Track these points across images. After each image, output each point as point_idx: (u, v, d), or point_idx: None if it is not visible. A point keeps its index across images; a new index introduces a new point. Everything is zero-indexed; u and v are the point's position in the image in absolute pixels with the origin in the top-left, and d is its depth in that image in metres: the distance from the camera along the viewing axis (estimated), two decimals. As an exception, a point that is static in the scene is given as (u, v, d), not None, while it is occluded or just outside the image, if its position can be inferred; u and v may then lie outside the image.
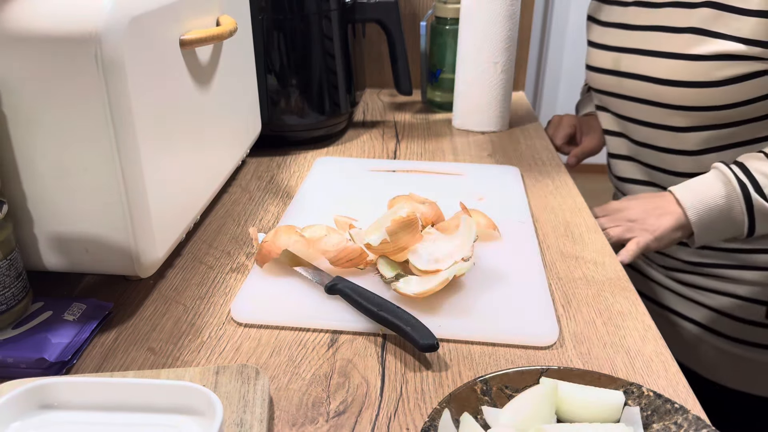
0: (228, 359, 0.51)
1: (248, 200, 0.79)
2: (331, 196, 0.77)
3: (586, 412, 0.43)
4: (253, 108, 0.85)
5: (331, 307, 0.56)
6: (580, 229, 0.72)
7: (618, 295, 0.60)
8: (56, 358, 0.48)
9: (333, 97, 0.95)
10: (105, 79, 0.47)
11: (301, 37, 0.89)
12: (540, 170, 0.88)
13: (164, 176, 0.56)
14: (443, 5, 1.06)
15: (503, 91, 1.00)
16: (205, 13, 0.65)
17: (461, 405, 0.42)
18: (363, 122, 1.09)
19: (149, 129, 0.53)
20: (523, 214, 0.73)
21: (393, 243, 0.57)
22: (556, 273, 0.63)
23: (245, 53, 0.80)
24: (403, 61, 1.02)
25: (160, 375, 0.45)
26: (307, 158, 0.92)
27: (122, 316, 0.56)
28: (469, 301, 0.56)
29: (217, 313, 0.57)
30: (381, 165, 0.88)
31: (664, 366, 0.51)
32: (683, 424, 0.41)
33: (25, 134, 0.49)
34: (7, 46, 0.46)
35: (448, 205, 0.71)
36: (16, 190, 0.51)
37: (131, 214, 0.52)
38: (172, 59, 0.57)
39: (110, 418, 0.38)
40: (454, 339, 0.53)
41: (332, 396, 0.47)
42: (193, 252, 0.66)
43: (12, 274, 0.49)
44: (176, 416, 0.38)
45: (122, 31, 0.48)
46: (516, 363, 0.51)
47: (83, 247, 0.53)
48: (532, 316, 0.54)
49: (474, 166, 0.87)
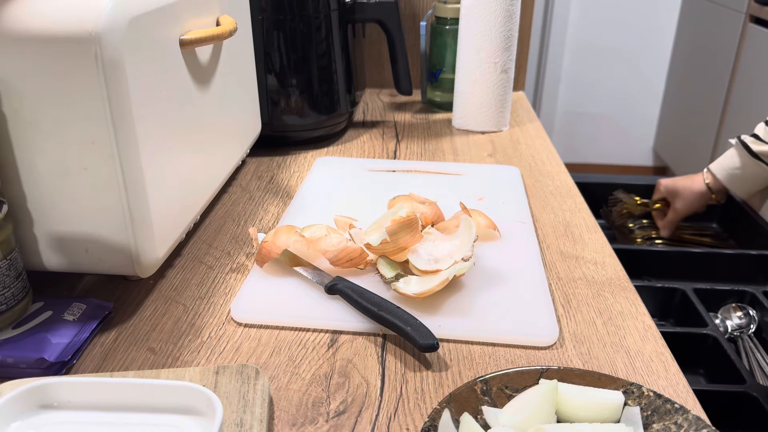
0: (228, 359, 0.51)
1: (248, 200, 0.79)
2: (331, 196, 0.77)
3: (586, 413, 0.43)
4: (253, 108, 0.85)
5: (331, 307, 0.56)
6: (580, 229, 0.72)
7: (618, 295, 0.60)
8: (56, 358, 0.48)
9: (333, 97, 0.95)
10: (105, 79, 0.47)
11: (301, 37, 0.89)
12: (540, 170, 0.88)
13: (164, 176, 0.56)
14: (443, 5, 1.06)
15: (503, 91, 1.00)
16: (205, 13, 0.65)
17: (461, 405, 0.42)
18: (363, 122, 1.08)
19: (149, 129, 0.53)
20: (523, 214, 0.73)
21: (393, 243, 0.57)
22: (556, 273, 0.63)
23: (245, 53, 0.80)
24: (403, 61, 1.02)
25: (160, 375, 0.45)
26: (307, 158, 0.92)
27: (122, 316, 0.56)
28: (469, 301, 0.56)
29: (217, 313, 0.57)
30: (381, 165, 0.88)
31: (664, 366, 0.51)
32: (683, 424, 0.41)
33: (25, 134, 0.49)
34: (7, 46, 0.46)
35: (448, 205, 0.71)
36: (16, 190, 0.51)
37: (131, 214, 0.52)
38: (172, 59, 0.57)
39: (110, 418, 0.38)
40: (454, 339, 0.53)
41: (332, 396, 0.47)
42: (193, 252, 0.66)
43: (12, 274, 0.49)
44: (176, 416, 0.38)
45: (122, 31, 0.48)
46: (516, 363, 0.51)
47: (83, 247, 0.53)
48: (532, 316, 0.54)
49: (474, 166, 0.87)
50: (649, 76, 2.80)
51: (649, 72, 2.80)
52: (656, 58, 2.77)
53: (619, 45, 2.77)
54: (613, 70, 2.83)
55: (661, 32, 2.73)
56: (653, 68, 2.78)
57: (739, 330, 1.05)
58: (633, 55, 2.78)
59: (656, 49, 2.76)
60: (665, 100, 2.77)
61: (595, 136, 2.97)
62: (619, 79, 2.84)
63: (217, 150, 0.71)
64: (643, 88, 2.83)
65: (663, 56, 2.75)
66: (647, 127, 2.89)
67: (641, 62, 2.79)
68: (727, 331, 1.05)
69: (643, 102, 2.85)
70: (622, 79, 2.84)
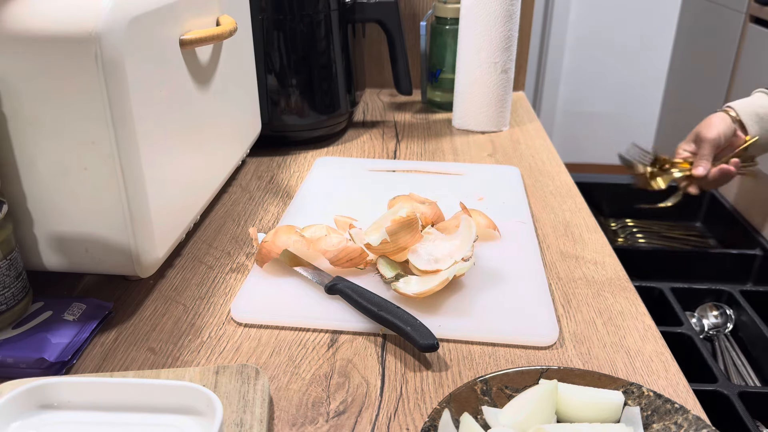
0: (228, 359, 0.51)
1: (248, 200, 0.78)
2: (331, 196, 0.77)
3: (586, 413, 0.43)
4: (253, 108, 0.85)
5: (331, 307, 0.56)
6: (580, 229, 0.72)
7: (618, 295, 0.60)
8: (56, 358, 0.48)
9: (333, 97, 0.95)
10: (105, 79, 0.47)
11: (301, 37, 0.89)
12: (540, 170, 0.88)
13: (164, 176, 0.56)
14: (443, 5, 1.06)
15: (503, 91, 1.00)
16: (205, 13, 0.65)
17: (461, 405, 0.42)
18: (363, 122, 1.08)
19: (149, 129, 0.53)
20: (523, 214, 0.73)
21: (393, 243, 0.57)
22: (556, 273, 0.63)
23: (245, 53, 0.80)
24: (403, 61, 1.02)
25: (160, 375, 0.45)
26: (307, 158, 0.92)
27: (122, 316, 0.56)
28: (469, 301, 0.56)
29: (217, 313, 0.57)
30: (381, 165, 0.88)
31: (664, 366, 0.51)
32: (683, 424, 0.41)
33: (25, 134, 0.49)
34: (7, 46, 0.46)
35: (448, 205, 0.71)
36: (16, 190, 0.51)
37: (131, 214, 0.52)
38: (172, 59, 0.57)
39: (110, 418, 0.38)
40: (454, 339, 0.53)
41: (332, 396, 0.47)
42: (193, 252, 0.66)
43: (12, 274, 0.49)
44: (176, 416, 0.38)
45: (122, 31, 0.48)
46: (516, 363, 0.51)
47: (83, 247, 0.53)
48: (532, 316, 0.54)
49: (474, 166, 0.87)
50: (649, 76, 2.80)
51: (649, 72, 2.80)
52: (656, 58, 2.77)
53: (619, 45, 2.78)
54: (613, 69, 2.83)
55: (661, 32, 2.73)
56: (653, 68, 2.78)
57: (715, 329, 1.05)
58: (633, 55, 2.78)
59: (656, 49, 2.76)
60: (665, 100, 2.77)
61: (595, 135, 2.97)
62: (619, 79, 2.84)
63: (217, 150, 0.71)
64: (643, 88, 2.84)
65: (663, 56, 2.75)
66: (647, 127, 2.89)
67: (641, 62, 2.80)
68: (704, 330, 1.05)
69: (643, 102, 2.85)
70: (622, 79, 2.84)
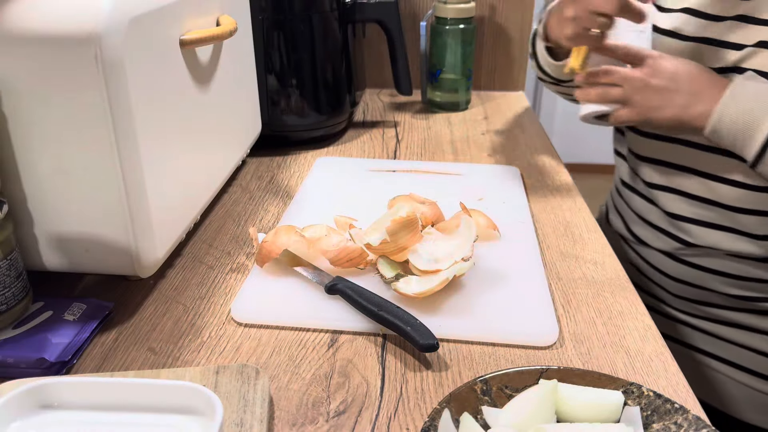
0: (228, 359, 0.51)
1: (248, 200, 0.78)
2: (331, 196, 0.77)
3: (586, 413, 0.43)
4: (253, 108, 0.85)
5: (331, 307, 0.56)
6: (580, 229, 0.72)
7: (618, 295, 0.60)
8: (56, 358, 0.48)
9: (333, 97, 0.95)
10: (105, 79, 0.47)
11: (301, 37, 0.89)
12: (540, 170, 0.88)
13: (164, 176, 0.56)
14: (443, 5, 1.06)
15: None
16: (205, 13, 0.65)
17: (461, 405, 0.42)
18: (363, 122, 1.08)
19: (149, 129, 0.53)
20: (523, 214, 0.73)
21: (393, 243, 0.57)
22: (556, 273, 0.63)
23: (245, 53, 0.80)
24: (403, 62, 1.02)
25: (160, 375, 0.45)
26: (307, 158, 0.92)
27: (122, 316, 0.56)
28: (469, 301, 0.56)
29: (217, 313, 0.57)
30: (381, 165, 0.88)
31: (664, 366, 0.51)
32: (683, 424, 0.41)
33: (25, 134, 0.49)
34: (7, 46, 0.46)
35: (448, 205, 0.71)
36: (16, 190, 0.51)
37: (131, 214, 0.52)
38: (172, 59, 0.57)
39: (110, 418, 0.38)
40: (454, 339, 0.53)
41: (332, 396, 0.47)
42: (193, 252, 0.66)
43: (12, 274, 0.49)
44: (176, 416, 0.38)
45: (122, 31, 0.48)
46: (516, 363, 0.51)
47: (83, 247, 0.53)
48: (532, 316, 0.54)
49: (474, 166, 0.87)
50: (649, 76, 2.79)
51: (649, 72, 2.79)
52: (656, 58, 2.76)
53: (619, 45, 2.77)
54: (614, 69, 2.82)
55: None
56: (653, 68, 2.77)
57: None
58: (633, 55, 2.78)
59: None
60: (665, 100, 2.77)
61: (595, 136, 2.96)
62: (619, 79, 2.83)
63: (217, 150, 0.71)
64: (643, 88, 2.83)
65: (663, 56, 2.74)
66: (647, 127, 2.88)
67: (641, 62, 2.79)
68: None
69: (643, 102, 2.85)
70: (622, 78, 2.83)
